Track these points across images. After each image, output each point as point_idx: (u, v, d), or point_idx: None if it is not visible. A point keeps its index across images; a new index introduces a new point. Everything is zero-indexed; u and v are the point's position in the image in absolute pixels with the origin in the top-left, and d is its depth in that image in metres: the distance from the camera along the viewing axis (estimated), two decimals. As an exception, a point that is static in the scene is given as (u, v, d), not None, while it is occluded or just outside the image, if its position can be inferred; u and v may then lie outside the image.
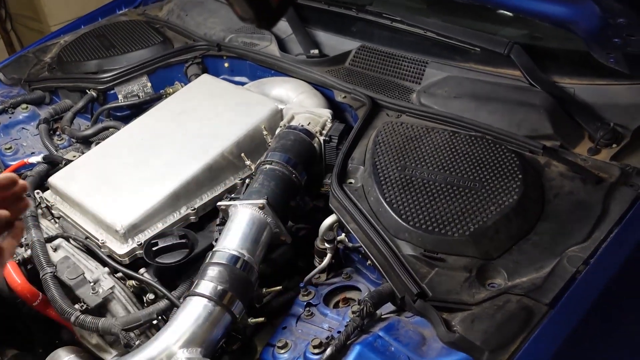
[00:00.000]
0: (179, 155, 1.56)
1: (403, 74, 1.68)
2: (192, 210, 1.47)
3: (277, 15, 0.81)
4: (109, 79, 1.98)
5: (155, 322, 1.28)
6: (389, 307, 1.15)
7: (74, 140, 1.88)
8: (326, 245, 1.32)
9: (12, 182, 0.86)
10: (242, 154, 1.54)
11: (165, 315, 1.29)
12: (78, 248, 1.46)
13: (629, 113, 1.36)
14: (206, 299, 1.14)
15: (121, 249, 1.39)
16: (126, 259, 1.39)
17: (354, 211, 1.26)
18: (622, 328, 1.14)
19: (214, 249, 1.26)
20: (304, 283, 1.31)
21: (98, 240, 1.42)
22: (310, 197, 1.50)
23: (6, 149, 1.84)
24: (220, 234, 1.31)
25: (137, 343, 1.25)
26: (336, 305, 1.27)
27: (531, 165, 1.30)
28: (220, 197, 1.51)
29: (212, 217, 1.49)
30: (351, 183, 1.36)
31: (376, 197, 1.26)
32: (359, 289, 1.29)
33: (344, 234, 1.32)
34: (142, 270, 1.37)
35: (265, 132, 1.59)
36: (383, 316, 1.14)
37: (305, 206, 1.48)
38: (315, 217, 1.43)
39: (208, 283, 1.16)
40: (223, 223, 1.37)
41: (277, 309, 1.32)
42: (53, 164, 1.71)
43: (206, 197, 1.51)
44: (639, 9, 1.10)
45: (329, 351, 1.05)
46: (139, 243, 1.39)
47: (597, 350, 1.09)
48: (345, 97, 1.65)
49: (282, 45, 1.95)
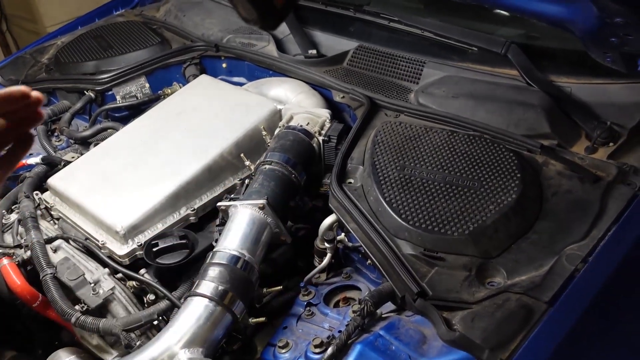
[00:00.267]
0: (178, 156, 1.56)
1: (401, 73, 1.69)
2: (192, 210, 1.47)
3: (281, 16, 0.81)
4: (107, 79, 1.98)
5: (156, 322, 1.28)
6: (389, 306, 1.16)
7: (72, 141, 1.88)
8: (326, 245, 1.32)
9: (23, 95, 0.82)
10: (242, 155, 1.55)
11: (166, 316, 1.29)
12: (78, 249, 1.46)
13: (626, 112, 1.36)
14: (207, 299, 1.14)
15: (121, 249, 1.39)
16: (126, 259, 1.39)
17: (353, 211, 1.26)
18: (620, 325, 1.15)
19: (214, 250, 1.26)
20: (304, 283, 1.31)
21: (98, 241, 1.42)
22: (310, 197, 1.51)
23: (4, 150, 1.84)
24: (220, 234, 1.31)
25: (138, 344, 1.25)
26: (336, 305, 1.28)
27: (529, 164, 1.31)
28: (220, 198, 1.51)
29: (211, 217, 1.49)
30: (350, 183, 1.36)
31: (376, 197, 1.27)
32: (359, 289, 1.29)
33: (343, 234, 1.33)
34: (142, 271, 1.37)
35: (264, 133, 1.59)
36: (383, 315, 1.14)
37: (305, 206, 1.48)
38: (314, 217, 1.44)
39: (209, 283, 1.16)
40: (223, 223, 1.37)
41: (277, 309, 1.32)
42: (52, 165, 1.71)
43: (206, 198, 1.51)
44: (635, 8, 1.11)
45: (330, 350, 1.06)
46: (139, 244, 1.39)
47: (596, 347, 1.10)
48: (343, 97, 1.65)
49: (280, 46, 1.95)
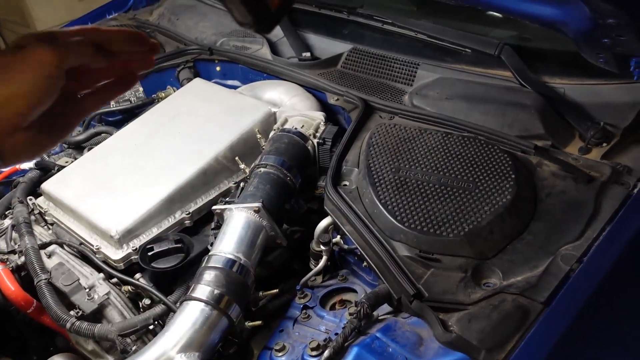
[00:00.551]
0: (172, 160, 1.55)
1: (395, 75, 1.69)
2: (187, 214, 1.47)
3: (276, 19, 0.81)
4: (100, 83, 1.97)
5: (151, 327, 1.27)
6: (385, 308, 1.16)
7: (65, 146, 1.87)
8: (322, 247, 1.32)
9: (141, 38, 0.74)
10: (237, 158, 1.54)
11: (162, 320, 1.28)
12: (72, 254, 1.46)
13: (619, 112, 1.37)
14: (203, 303, 1.14)
15: (116, 254, 1.39)
16: (121, 264, 1.38)
17: (349, 213, 1.26)
18: (615, 325, 1.16)
19: (209, 253, 1.25)
20: (300, 286, 1.31)
21: (93, 246, 1.42)
22: (305, 200, 1.50)
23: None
24: (215, 238, 1.31)
25: (133, 349, 1.24)
26: (333, 308, 1.28)
27: (523, 165, 1.31)
28: (215, 201, 1.50)
29: (207, 221, 1.49)
30: (346, 185, 1.36)
31: (371, 199, 1.27)
32: (355, 291, 1.29)
33: (339, 236, 1.33)
34: (137, 276, 1.37)
35: (259, 136, 1.59)
36: (380, 317, 1.14)
37: (300, 209, 1.48)
38: (310, 219, 1.44)
39: (205, 287, 1.16)
40: (218, 227, 1.36)
41: (273, 312, 1.32)
42: (45, 170, 1.71)
43: (201, 201, 1.51)
44: (627, 9, 1.11)
45: (326, 353, 1.06)
46: (134, 248, 1.39)
47: (592, 347, 1.10)
48: (337, 99, 1.66)
49: (274, 49, 1.95)
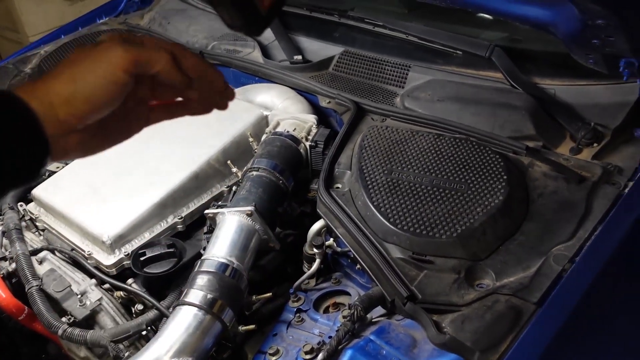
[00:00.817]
0: (164, 164, 1.55)
1: (386, 78, 1.69)
2: (179, 218, 1.46)
3: (266, 22, 0.81)
4: (91, 88, 1.96)
5: (144, 332, 1.27)
6: (379, 310, 1.16)
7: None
8: (315, 250, 1.32)
9: (217, 76, 0.72)
10: (229, 162, 1.54)
11: (155, 326, 1.28)
12: (64, 260, 1.45)
13: (609, 112, 1.38)
14: (196, 308, 1.13)
15: (108, 259, 1.38)
16: (113, 269, 1.38)
17: (341, 216, 1.26)
18: (608, 324, 1.16)
19: (202, 258, 1.25)
20: (294, 289, 1.31)
21: (84, 251, 1.41)
22: (298, 203, 1.50)
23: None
24: (208, 242, 1.30)
25: (126, 354, 1.24)
26: (326, 311, 1.27)
27: (515, 166, 1.32)
28: (207, 205, 1.50)
29: (199, 225, 1.48)
30: (338, 188, 1.36)
31: (364, 201, 1.27)
32: (348, 294, 1.29)
33: (332, 239, 1.32)
34: (130, 281, 1.36)
35: (251, 139, 1.59)
36: (373, 320, 1.14)
37: (293, 212, 1.48)
38: (303, 222, 1.44)
39: (197, 292, 1.15)
40: (211, 231, 1.36)
41: (267, 316, 1.31)
42: (36, 176, 1.69)
43: (193, 206, 1.50)
44: (616, 10, 1.12)
45: (320, 356, 1.05)
46: (126, 253, 1.38)
47: (586, 346, 1.10)
48: (329, 102, 1.66)
49: (265, 52, 1.95)
